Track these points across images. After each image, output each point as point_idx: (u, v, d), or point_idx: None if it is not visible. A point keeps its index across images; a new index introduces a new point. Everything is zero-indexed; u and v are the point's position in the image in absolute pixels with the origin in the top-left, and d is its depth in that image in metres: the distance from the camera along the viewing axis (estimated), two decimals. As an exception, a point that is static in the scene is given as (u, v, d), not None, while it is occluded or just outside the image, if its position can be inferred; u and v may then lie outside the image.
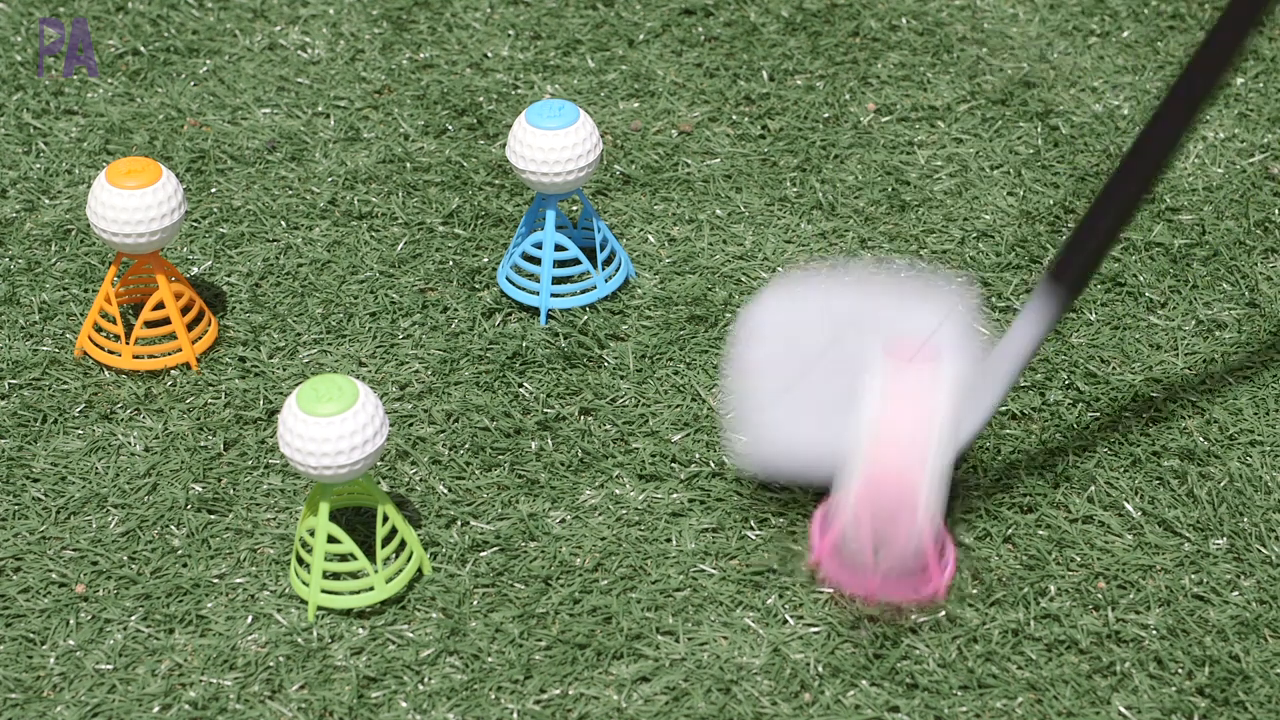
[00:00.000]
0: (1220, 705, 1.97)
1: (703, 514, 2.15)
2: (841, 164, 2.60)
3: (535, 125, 2.29)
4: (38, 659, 2.01)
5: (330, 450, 1.95)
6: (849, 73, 2.76)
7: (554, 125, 2.29)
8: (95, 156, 2.61)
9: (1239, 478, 2.18)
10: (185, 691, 1.98)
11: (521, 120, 2.31)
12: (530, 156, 2.29)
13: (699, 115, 2.68)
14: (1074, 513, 2.15)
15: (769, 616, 2.04)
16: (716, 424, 2.24)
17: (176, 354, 2.31)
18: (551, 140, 2.28)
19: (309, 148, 2.63)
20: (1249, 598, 2.06)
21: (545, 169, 2.29)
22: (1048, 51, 2.79)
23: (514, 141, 2.31)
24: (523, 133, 2.30)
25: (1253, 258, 2.46)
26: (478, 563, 2.10)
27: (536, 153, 2.29)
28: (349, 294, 2.41)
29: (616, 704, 1.97)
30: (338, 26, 2.84)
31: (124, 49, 2.80)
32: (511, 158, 2.31)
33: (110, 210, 2.22)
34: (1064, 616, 2.04)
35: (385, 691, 1.98)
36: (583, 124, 2.30)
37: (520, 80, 2.74)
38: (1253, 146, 2.63)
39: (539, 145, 2.29)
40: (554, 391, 2.28)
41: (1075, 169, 2.59)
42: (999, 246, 2.48)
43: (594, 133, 2.31)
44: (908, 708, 1.96)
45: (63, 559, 2.10)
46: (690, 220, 2.52)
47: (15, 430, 2.24)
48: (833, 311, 2.15)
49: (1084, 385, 2.28)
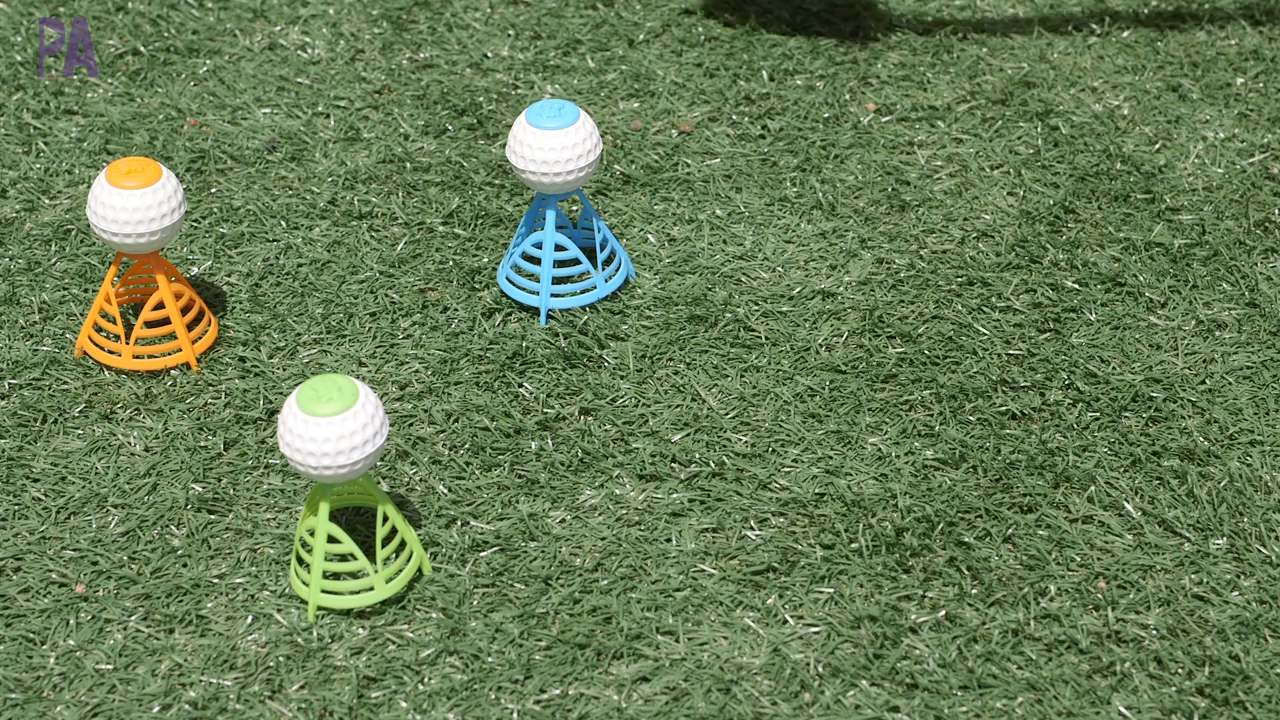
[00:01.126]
0: (1220, 705, 1.97)
1: (703, 514, 2.15)
2: (841, 164, 2.60)
3: (535, 125, 2.29)
4: (38, 659, 2.01)
5: (330, 450, 1.95)
6: (849, 73, 2.76)
7: (554, 125, 2.29)
8: (95, 156, 2.61)
9: (1239, 478, 2.18)
10: (185, 691, 1.98)
11: (521, 120, 2.30)
12: (530, 157, 2.29)
13: (699, 115, 2.68)
14: (1074, 513, 2.14)
15: (769, 616, 2.04)
16: (716, 424, 2.24)
17: (176, 354, 2.31)
18: (551, 140, 2.28)
19: (309, 148, 2.63)
20: (1249, 598, 2.06)
21: (545, 169, 2.29)
22: (1048, 51, 2.79)
23: (514, 141, 2.31)
24: (523, 133, 2.30)
25: (1253, 258, 2.46)
26: (478, 563, 2.10)
27: (536, 153, 2.29)
28: (349, 294, 2.41)
29: (616, 704, 1.97)
30: (338, 26, 2.83)
31: (124, 49, 2.80)
32: (511, 158, 2.31)
33: (110, 210, 2.22)
34: (1064, 616, 2.04)
35: (385, 691, 1.98)
36: (583, 124, 2.30)
37: (520, 80, 2.74)
38: (1253, 146, 2.63)
39: (539, 145, 2.28)
40: (554, 391, 2.28)
41: (1075, 169, 2.59)
42: (999, 246, 2.47)
43: (594, 133, 2.30)
44: (908, 708, 1.96)
45: (63, 559, 2.10)
46: (690, 220, 2.52)
47: (15, 430, 2.24)
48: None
49: (1084, 385, 2.28)
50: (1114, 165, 2.59)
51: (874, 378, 2.30)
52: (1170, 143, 2.63)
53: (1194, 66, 2.76)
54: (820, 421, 2.25)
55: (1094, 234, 2.49)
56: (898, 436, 2.23)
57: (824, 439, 2.23)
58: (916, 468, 2.19)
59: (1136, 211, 2.52)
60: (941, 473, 2.19)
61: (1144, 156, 2.61)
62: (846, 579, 2.08)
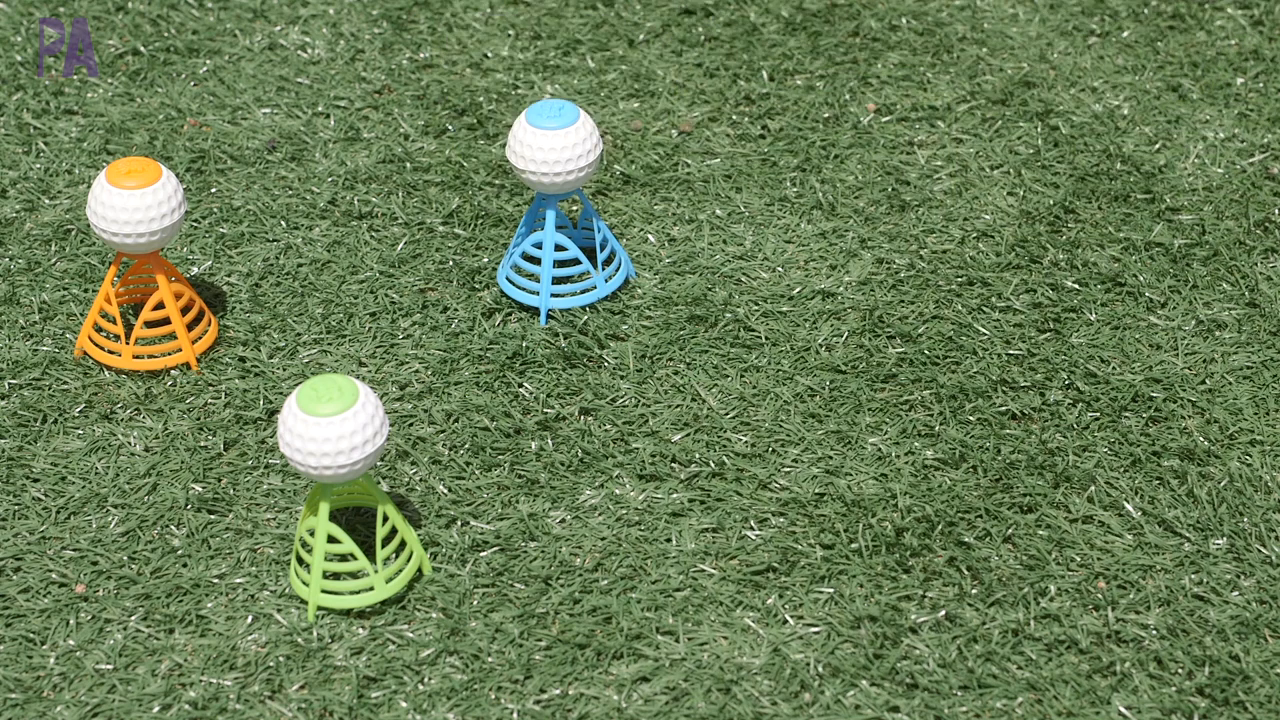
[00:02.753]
0: (1220, 705, 1.97)
1: (703, 514, 2.15)
2: (841, 164, 2.60)
3: (535, 125, 2.29)
4: (38, 659, 2.01)
5: (330, 450, 1.95)
6: (849, 73, 2.76)
7: (554, 125, 2.29)
8: (95, 156, 2.61)
9: (1239, 478, 2.18)
10: (185, 691, 1.98)
11: (521, 120, 2.31)
12: (530, 157, 2.29)
13: (699, 115, 2.68)
14: (1074, 513, 2.14)
15: (769, 616, 2.04)
16: (716, 424, 2.24)
17: (176, 354, 2.31)
18: (552, 140, 2.28)
19: (309, 148, 2.63)
20: (1249, 598, 2.06)
21: (545, 169, 2.29)
22: (1048, 51, 2.79)
23: (514, 141, 2.31)
24: (523, 133, 2.30)
25: (1253, 258, 2.46)
26: (478, 563, 2.10)
27: (536, 153, 2.29)
28: (349, 294, 2.41)
29: (616, 704, 1.97)
30: (338, 26, 2.83)
31: (124, 49, 2.80)
32: (511, 158, 2.31)
33: (110, 210, 2.22)
34: (1064, 616, 2.04)
35: (385, 691, 1.98)
36: (583, 124, 2.30)
37: (520, 80, 2.74)
38: (1253, 146, 2.63)
39: (539, 145, 2.29)
40: (554, 391, 2.28)
41: (1075, 169, 2.59)
42: (999, 246, 2.48)
43: (594, 133, 2.31)
44: (908, 708, 1.96)
45: (63, 559, 2.10)
46: (690, 220, 2.52)
47: (15, 430, 2.24)
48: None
49: (1084, 385, 2.28)
50: (1114, 165, 2.59)
51: (874, 378, 2.30)
52: (1170, 143, 2.63)
53: (1194, 66, 2.76)
54: (820, 421, 2.25)
55: (1094, 234, 2.49)
56: (898, 436, 2.23)
57: (824, 439, 2.23)
58: (916, 468, 2.19)
59: (1136, 211, 2.52)
60: (941, 473, 2.19)
61: (1144, 156, 2.61)
62: (846, 579, 2.08)
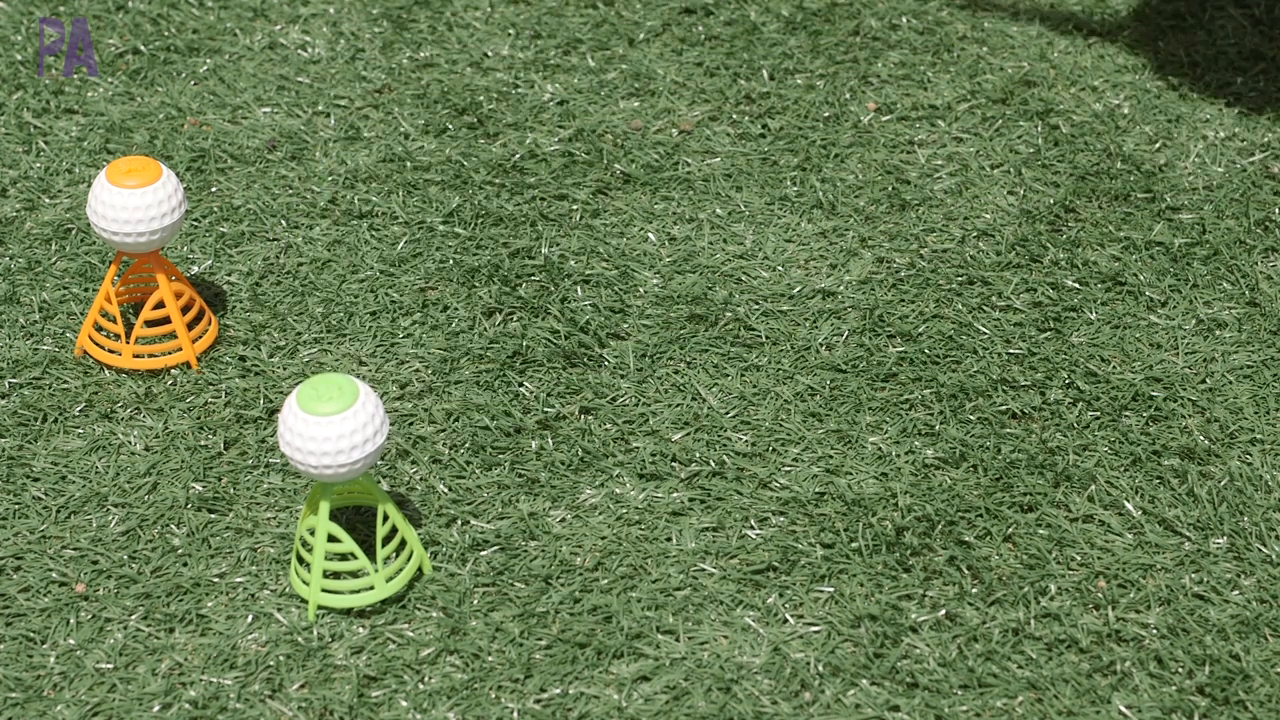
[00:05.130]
0: (1220, 704, 1.97)
1: (703, 513, 2.15)
2: (842, 163, 2.61)
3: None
4: (38, 658, 2.01)
5: (330, 449, 1.95)
6: (849, 72, 2.76)
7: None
8: (95, 156, 2.61)
9: (1239, 477, 2.18)
10: (185, 691, 1.98)
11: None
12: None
13: (699, 114, 2.68)
14: (1074, 512, 2.15)
15: (769, 616, 2.04)
16: (716, 423, 2.24)
17: (177, 353, 2.31)
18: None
19: (309, 147, 2.63)
20: (1249, 597, 2.06)
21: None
22: (1048, 51, 2.79)
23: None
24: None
25: (1253, 257, 2.46)
26: (478, 562, 2.10)
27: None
28: (349, 293, 2.41)
29: (617, 703, 1.97)
30: (338, 25, 2.83)
31: (124, 48, 2.80)
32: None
33: (110, 209, 2.22)
34: (1064, 616, 2.04)
35: (385, 691, 1.98)
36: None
37: (520, 79, 2.74)
38: (1253, 146, 2.63)
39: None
40: (554, 391, 2.28)
41: (1075, 168, 2.59)
42: (999, 245, 2.48)
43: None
44: (908, 707, 1.96)
45: (63, 558, 2.10)
46: (690, 219, 2.52)
47: (15, 430, 2.24)
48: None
49: (1084, 385, 2.28)
50: (1114, 164, 2.59)
51: (874, 377, 2.30)
52: (1170, 142, 2.63)
53: (1194, 66, 2.76)
54: (820, 421, 2.25)
55: (1094, 233, 2.49)
56: (898, 436, 2.23)
57: (824, 438, 2.23)
58: (917, 467, 2.19)
59: (1137, 210, 2.52)
60: (942, 472, 2.19)
61: (1144, 156, 2.61)
62: (847, 578, 2.08)
